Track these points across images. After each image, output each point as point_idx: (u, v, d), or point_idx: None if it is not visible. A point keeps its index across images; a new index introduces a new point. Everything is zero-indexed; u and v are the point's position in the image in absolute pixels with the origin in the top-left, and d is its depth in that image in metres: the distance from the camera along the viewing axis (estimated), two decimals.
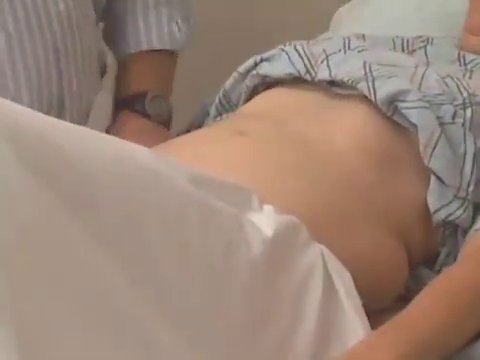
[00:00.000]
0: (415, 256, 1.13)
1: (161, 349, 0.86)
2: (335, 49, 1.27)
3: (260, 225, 0.95)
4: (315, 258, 0.97)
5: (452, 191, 1.11)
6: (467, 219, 1.11)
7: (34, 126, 0.85)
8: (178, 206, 0.90)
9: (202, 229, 0.91)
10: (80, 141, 0.88)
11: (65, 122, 0.90)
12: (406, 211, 1.11)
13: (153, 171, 0.91)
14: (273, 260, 0.94)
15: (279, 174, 1.07)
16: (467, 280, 1.03)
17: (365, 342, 0.95)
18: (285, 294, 0.95)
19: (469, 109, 1.14)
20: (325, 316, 0.96)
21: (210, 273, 0.90)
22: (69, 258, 0.82)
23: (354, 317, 0.97)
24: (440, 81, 1.18)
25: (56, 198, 0.83)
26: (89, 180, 0.86)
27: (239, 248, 0.92)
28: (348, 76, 1.16)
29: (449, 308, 1.00)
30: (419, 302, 1.00)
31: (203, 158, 1.07)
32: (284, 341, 0.94)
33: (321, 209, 1.05)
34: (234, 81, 1.27)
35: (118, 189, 0.87)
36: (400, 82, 1.15)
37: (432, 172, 1.11)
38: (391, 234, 1.10)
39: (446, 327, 0.99)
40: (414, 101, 1.12)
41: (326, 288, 0.97)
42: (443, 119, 1.12)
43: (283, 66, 1.22)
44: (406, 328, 0.96)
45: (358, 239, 1.06)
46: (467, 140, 1.13)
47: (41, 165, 0.83)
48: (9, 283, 0.78)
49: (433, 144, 1.11)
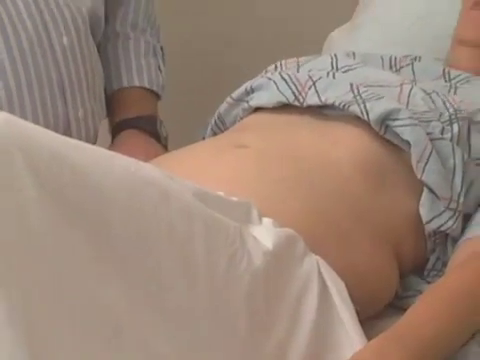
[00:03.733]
0: (405, 265, 1.13)
1: (158, 349, 0.85)
2: (322, 72, 1.27)
3: (260, 238, 0.95)
4: (311, 268, 0.97)
5: (443, 203, 1.11)
6: (457, 229, 1.12)
7: (48, 143, 0.85)
8: (185, 221, 0.90)
9: (207, 243, 0.90)
10: (92, 158, 0.88)
11: (78, 141, 0.90)
12: (398, 223, 1.11)
13: (161, 186, 0.91)
14: (272, 271, 0.94)
15: (277, 187, 1.06)
16: (462, 287, 1.03)
17: (370, 348, 0.95)
18: (284, 303, 0.94)
19: (456, 124, 1.15)
20: (321, 323, 0.96)
21: (214, 284, 0.89)
22: (75, 270, 0.82)
23: (349, 323, 0.97)
24: (426, 98, 1.18)
25: (67, 213, 0.83)
26: (101, 197, 0.86)
27: (241, 260, 0.92)
28: (338, 100, 1.16)
29: (447, 315, 1.00)
30: (418, 310, 1.00)
31: (204, 170, 1.07)
32: (282, 347, 0.93)
33: (317, 222, 1.05)
34: (228, 106, 1.28)
35: (129, 205, 0.87)
36: (390, 102, 1.15)
37: (425, 185, 1.11)
38: (383, 245, 1.09)
39: (445, 333, 0.98)
40: (405, 119, 1.13)
41: (322, 296, 0.96)
42: (432, 135, 1.13)
43: (272, 95, 1.22)
44: (408, 336, 0.95)
45: (352, 250, 1.06)
46: (456, 154, 1.13)
47: (53, 180, 0.83)
48: (21, 292, 0.79)
49: (425, 159, 1.11)
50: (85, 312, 0.82)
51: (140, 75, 1.44)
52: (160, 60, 1.48)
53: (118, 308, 0.84)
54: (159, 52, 1.48)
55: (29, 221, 0.80)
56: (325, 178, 1.09)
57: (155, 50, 1.48)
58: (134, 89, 1.43)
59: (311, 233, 1.01)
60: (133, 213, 0.87)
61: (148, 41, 1.46)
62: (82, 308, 0.82)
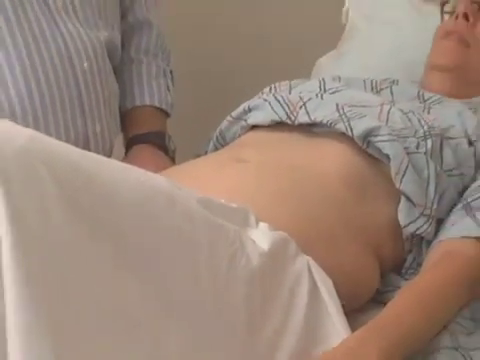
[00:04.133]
0: (385, 264, 1.13)
1: (168, 347, 0.85)
2: (311, 93, 1.27)
3: (257, 240, 0.95)
4: (302, 268, 0.97)
5: (419, 209, 1.11)
6: (431, 232, 1.12)
7: (67, 156, 0.85)
8: (190, 225, 0.90)
9: (211, 245, 0.90)
10: (107, 169, 0.88)
11: (94, 154, 0.90)
12: (379, 227, 1.11)
13: (168, 194, 0.91)
14: (268, 270, 0.94)
15: (274, 197, 1.06)
16: (435, 284, 1.03)
17: (355, 338, 0.95)
18: (278, 298, 0.94)
19: (429, 140, 1.15)
20: (311, 316, 0.96)
21: (216, 282, 0.89)
22: (93, 266, 0.82)
23: (335, 316, 0.97)
24: (403, 117, 1.18)
25: (83, 216, 0.82)
26: (115, 203, 0.85)
27: (240, 260, 0.92)
28: (326, 118, 1.16)
29: (421, 309, 1.00)
30: (395, 305, 1.01)
31: (208, 181, 1.07)
32: (277, 337, 0.93)
33: (307, 226, 1.05)
34: (228, 123, 1.28)
35: (140, 211, 0.87)
36: (371, 120, 1.15)
37: (402, 194, 1.11)
38: (366, 247, 1.10)
39: (420, 325, 0.99)
40: (385, 135, 1.13)
41: (312, 293, 0.97)
42: (409, 149, 1.13)
43: (267, 114, 1.22)
44: (387, 327, 0.96)
45: (338, 252, 1.06)
46: (430, 166, 1.13)
47: (72, 188, 0.82)
48: (45, 295, 0.79)
49: (403, 171, 1.11)
50: (103, 307, 0.82)
51: (151, 95, 1.44)
52: (169, 81, 1.49)
53: (132, 303, 0.84)
54: (168, 74, 1.49)
55: (51, 222, 0.80)
56: (315, 189, 1.10)
57: (165, 73, 1.48)
58: (146, 107, 1.44)
59: (303, 236, 1.01)
60: (144, 217, 0.87)
61: (159, 65, 1.47)
62: (100, 303, 0.82)
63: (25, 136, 0.82)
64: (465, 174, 1.17)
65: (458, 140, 1.18)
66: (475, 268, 1.06)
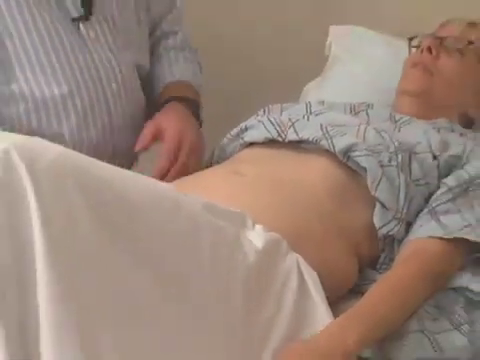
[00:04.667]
0: (363, 260, 1.14)
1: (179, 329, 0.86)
2: (299, 115, 1.27)
3: (253, 240, 0.97)
4: (292, 264, 0.99)
5: (391, 213, 1.12)
6: (402, 233, 1.13)
7: (92, 169, 0.85)
8: (195, 229, 0.91)
9: (213, 245, 0.92)
10: (120, 178, 0.88)
11: (113, 166, 0.90)
12: (357, 229, 1.13)
13: (174, 199, 0.92)
14: (262, 265, 0.96)
15: (267, 204, 1.08)
16: (404, 278, 1.04)
17: (337, 324, 0.96)
18: (271, 289, 0.96)
19: (400, 155, 1.16)
20: (300, 305, 0.98)
21: (218, 275, 0.91)
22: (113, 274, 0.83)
23: (320, 305, 0.99)
24: (377, 135, 1.19)
25: (107, 230, 0.83)
26: (130, 206, 0.85)
27: (238, 257, 0.94)
28: (312, 136, 1.18)
29: (393, 299, 1.01)
30: (371, 295, 1.02)
31: (213, 190, 1.07)
32: (271, 322, 0.94)
33: (296, 229, 1.06)
34: (228, 140, 1.29)
35: (151, 215, 0.87)
36: (350, 138, 1.17)
37: (377, 200, 1.12)
38: (347, 246, 1.11)
39: (392, 312, 1.00)
40: (362, 151, 1.14)
41: (300, 285, 0.99)
42: (382, 162, 1.14)
43: (261, 133, 1.23)
44: (364, 315, 0.98)
45: (323, 250, 1.07)
46: (400, 177, 1.14)
47: (96, 196, 0.83)
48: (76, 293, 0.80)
49: (377, 181, 1.12)
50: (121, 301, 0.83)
51: (182, 74, 1.37)
52: (197, 68, 1.42)
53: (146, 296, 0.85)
54: (196, 64, 1.42)
55: (77, 228, 0.81)
56: (303, 198, 1.11)
57: (192, 61, 1.42)
58: (179, 82, 1.36)
59: (293, 237, 1.03)
60: (154, 221, 0.88)
61: (186, 56, 1.41)
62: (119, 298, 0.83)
63: (55, 152, 0.83)
64: (430, 183, 1.17)
65: (424, 155, 1.18)
66: (439, 263, 1.08)
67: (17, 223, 0.79)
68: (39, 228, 0.79)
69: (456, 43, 1.33)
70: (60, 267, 0.79)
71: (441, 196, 1.15)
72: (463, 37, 1.34)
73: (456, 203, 1.13)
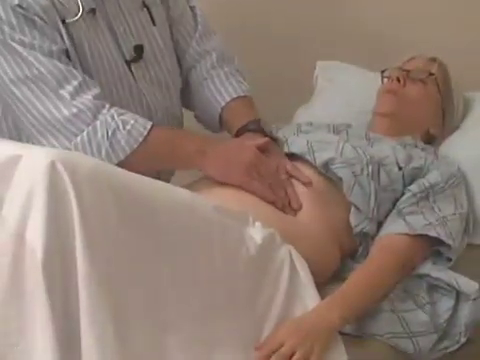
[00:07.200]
0: (343, 252, 1.23)
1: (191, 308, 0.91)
2: (291, 133, 1.35)
3: (254, 236, 1.04)
4: (285, 254, 1.07)
5: (364, 214, 1.20)
6: (373, 231, 1.22)
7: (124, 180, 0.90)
8: (207, 227, 0.97)
9: (222, 241, 0.98)
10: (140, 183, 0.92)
11: (138, 175, 0.93)
12: (338, 227, 1.20)
13: (191, 204, 0.98)
14: (261, 256, 1.03)
15: (266, 204, 1.15)
16: (378, 267, 1.12)
17: (324, 304, 1.03)
18: (268, 276, 1.03)
19: (370, 166, 1.23)
20: (292, 288, 1.05)
21: (226, 265, 0.98)
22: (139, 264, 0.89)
23: (309, 288, 1.06)
24: (353, 150, 1.25)
25: (134, 227, 0.89)
26: (154, 208, 0.90)
27: (242, 250, 1.01)
28: (299, 151, 1.25)
29: (369, 285, 1.09)
30: (351, 281, 1.10)
31: (219, 195, 1.13)
32: (269, 303, 1.02)
33: (289, 226, 1.14)
34: None
35: (174, 217, 0.93)
36: (330, 153, 1.23)
37: (352, 204, 1.20)
38: (331, 240, 1.19)
39: (367, 295, 1.08)
40: (338, 163, 1.22)
41: (292, 272, 1.06)
42: (356, 173, 1.21)
43: None
44: (346, 297, 1.05)
45: (311, 245, 1.15)
46: (371, 184, 1.22)
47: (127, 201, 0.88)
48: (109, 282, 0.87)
49: (351, 188, 1.20)
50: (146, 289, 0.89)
51: (228, 92, 1.36)
52: (238, 76, 1.39)
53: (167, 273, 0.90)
54: (236, 73, 1.40)
55: (109, 224, 0.87)
56: None
57: (232, 73, 1.40)
58: (229, 104, 1.35)
59: (286, 233, 1.10)
60: (172, 218, 0.93)
61: (225, 71, 1.39)
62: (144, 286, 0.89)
63: (92, 162, 0.90)
64: (396, 190, 1.24)
65: (391, 166, 1.26)
66: (405, 255, 1.16)
67: (64, 215, 0.86)
68: (78, 220, 0.85)
69: (420, 74, 1.41)
70: (94, 251, 0.85)
71: (406, 200, 1.23)
72: (426, 70, 1.42)
73: (419, 206, 1.22)
